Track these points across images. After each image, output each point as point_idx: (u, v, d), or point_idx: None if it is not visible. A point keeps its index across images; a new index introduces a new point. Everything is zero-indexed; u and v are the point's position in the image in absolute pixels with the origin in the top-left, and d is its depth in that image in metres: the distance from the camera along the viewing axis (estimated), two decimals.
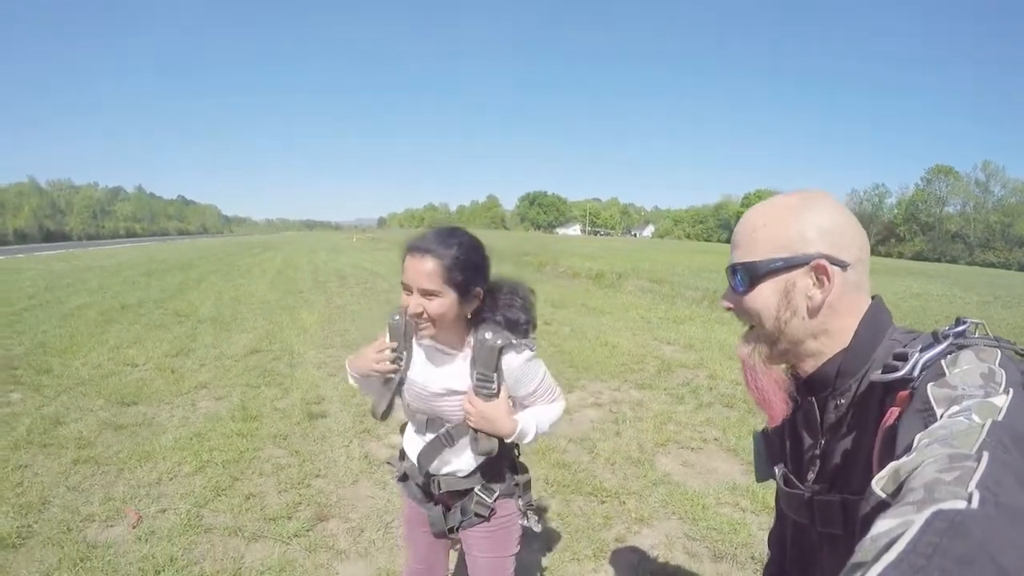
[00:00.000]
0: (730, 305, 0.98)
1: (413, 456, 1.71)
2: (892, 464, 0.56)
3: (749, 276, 0.92)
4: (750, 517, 3.32)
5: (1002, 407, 0.60)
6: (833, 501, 0.90)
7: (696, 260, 27.57)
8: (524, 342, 1.56)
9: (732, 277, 0.96)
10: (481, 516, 1.70)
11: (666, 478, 3.82)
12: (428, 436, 1.67)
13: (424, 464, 1.67)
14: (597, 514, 3.34)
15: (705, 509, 3.39)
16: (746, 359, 0.97)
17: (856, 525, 0.61)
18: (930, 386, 0.70)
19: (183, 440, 4.17)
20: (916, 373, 0.76)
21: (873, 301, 0.92)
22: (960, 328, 0.80)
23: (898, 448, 0.65)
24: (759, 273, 0.91)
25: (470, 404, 1.56)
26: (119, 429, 4.37)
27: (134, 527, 3.05)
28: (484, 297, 1.55)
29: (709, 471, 3.97)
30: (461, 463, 1.68)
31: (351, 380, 1.77)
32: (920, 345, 0.80)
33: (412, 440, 1.74)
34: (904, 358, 0.79)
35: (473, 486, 1.69)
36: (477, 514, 1.70)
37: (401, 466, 1.82)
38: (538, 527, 1.83)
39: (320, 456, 4.03)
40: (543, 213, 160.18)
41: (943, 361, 0.75)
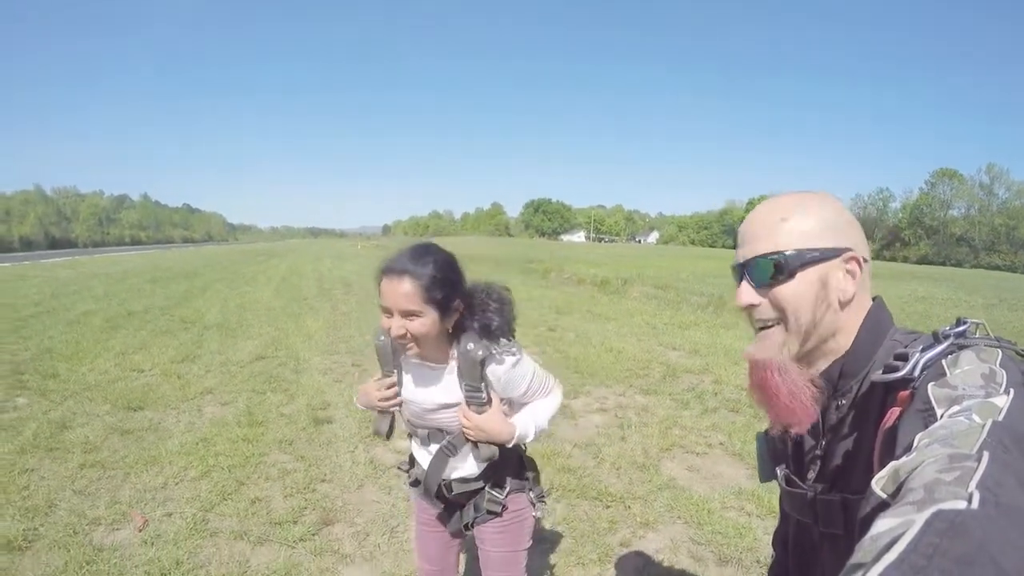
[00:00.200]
0: (755, 301, 0.91)
1: (424, 464, 1.73)
2: (892, 464, 0.56)
3: (784, 267, 0.87)
4: (755, 521, 3.31)
5: (1003, 407, 0.60)
6: (834, 501, 0.91)
7: (701, 266, 27.54)
8: (504, 348, 1.54)
9: (756, 270, 0.90)
10: (494, 512, 1.72)
11: (671, 483, 3.81)
12: (432, 447, 1.69)
13: (435, 478, 1.69)
14: (602, 518, 3.33)
15: (710, 513, 3.38)
16: (773, 360, 0.90)
17: (856, 525, 0.61)
18: (931, 386, 0.71)
19: (189, 445, 4.18)
20: (917, 373, 0.76)
21: (874, 302, 0.93)
22: (961, 328, 0.80)
23: (898, 448, 0.65)
24: (795, 264, 0.86)
25: (465, 419, 1.57)
26: (125, 434, 4.39)
27: (140, 531, 3.06)
28: (463, 309, 1.55)
29: (714, 476, 3.96)
30: (468, 468, 1.70)
31: (359, 406, 1.80)
32: (921, 345, 0.81)
33: (419, 452, 1.76)
34: (905, 358, 0.79)
35: (484, 485, 1.71)
36: (490, 511, 1.72)
37: (412, 472, 1.84)
38: (547, 518, 1.84)
39: (326, 461, 4.04)
40: (547, 220, 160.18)
41: (944, 361, 0.75)
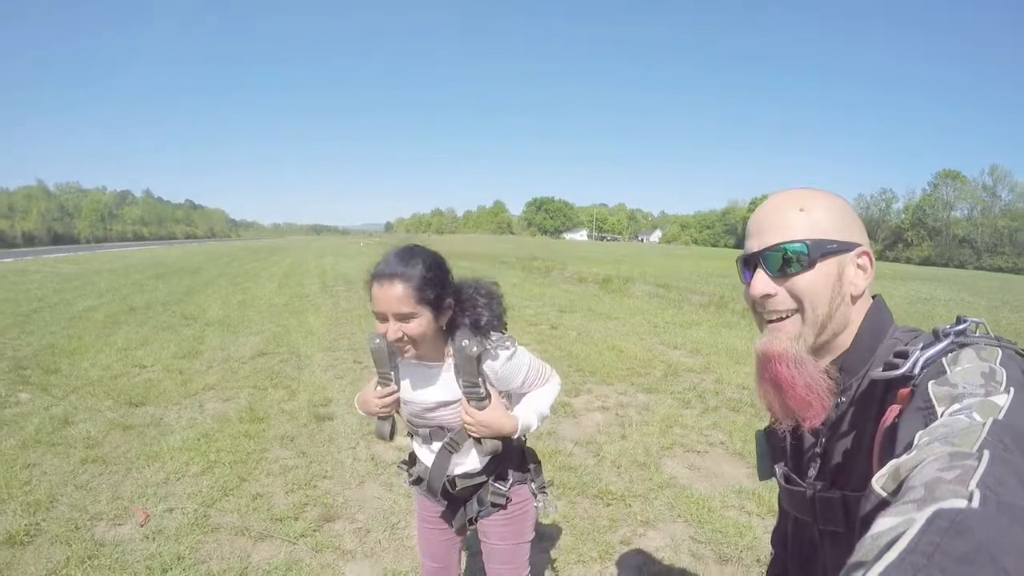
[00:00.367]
0: (771, 291, 0.89)
1: (427, 462, 1.73)
2: (892, 462, 0.56)
3: (805, 256, 0.86)
4: (756, 520, 3.31)
5: (1003, 406, 0.60)
6: (834, 498, 0.90)
7: (703, 265, 27.55)
8: (498, 342, 1.58)
9: (773, 260, 0.89)
10: (498, 505, 1.73)
11: (672, 481, 3.82)
12: (434, 446, 1.69)
13: (438, 477, 1.69)
14: (603, 516, 3.34)
15: (711, 512, 3.38)
16: (788, 351, 0.88)
17: (856, 522, 0.60)
18: (931, 384, 0.70)
19: (191, 441, 4.19)
20: (917, 371, 0.76)
21: (875, 300, 0.93)
22: (961, 327, 0.80)
23: (898, 446, 0.65)
24: (815, 254, 0.86)
25: (467, 415, 1.58)
26: (127, 429, 4.40)
27: (142, 526, 3.07)
28: (453, 306, 1.57)
29: (715, 474, 3.96)
30: (471, 463, 1.71)
31: (360, 412, 1.80)
32: (921, 343, 0.80)
33: (421, 451, 1.77)
34: (905, 356, 0.79)
35: (487, 479, 1.72)
36: (494, 503, 1.73)
37: (413, 470, 1.83)
38: (552, 508, 1.84)
39: (327, 457, 4.05)
40: (550, 218, 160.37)
41: (944, 359, 0.75)
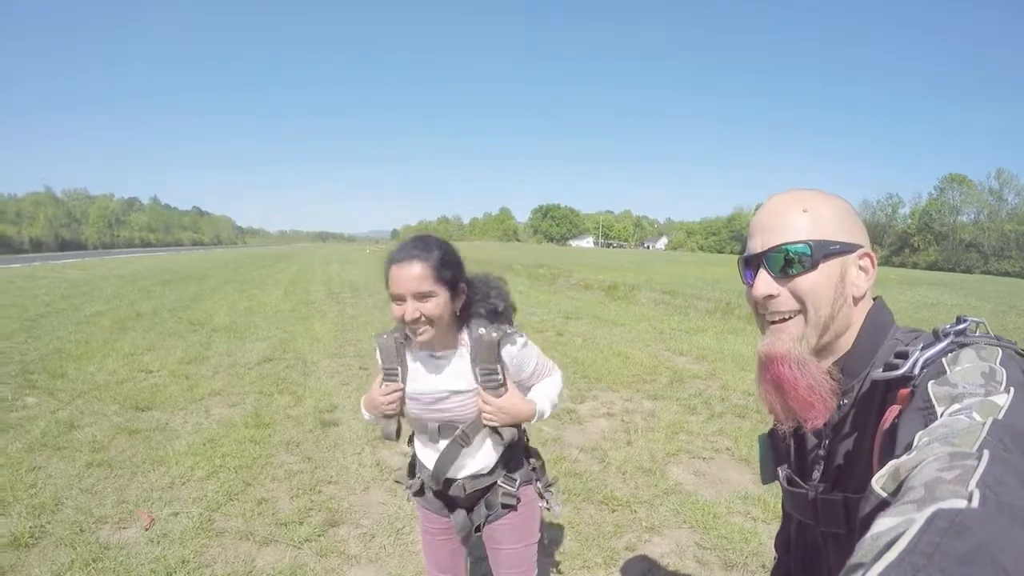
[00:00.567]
0: (773, 292, 0.89)
1: (429, 464, 1.70)
2: (892, 462, 0.56)
3: (809, 256, 0.86)
4: (761, 526, 3.29)
5: (1003, 406, 0.60)
6: (836, 500, 0.90)
7: (709, 271, 27.46)
8: (514, 329, 1.63)
9: (776, 260, 0.88)
10: (509, 506, 1.72)
11: (677, 487, 3.80)
12: (442, 443, 1.66)
13: (442, 471, 1.67)
14: (608, 522, 3.33)
15: (716, 518, 3.36)
16: (791, 352, 0.88)
17: (857, 524, 0.60)
18: (931, 384, 0.71)
19: (196, 445, 4.21)
20: (917, 371, 0.76)
21: (875, 301, 0.93)
22: (961, 327, 0.80)
23: (898, 446, 0.65)
24: (819, 254, 0.86)
25: (485, 403, 1.59)
26: (133, 434, 4.42)
27: (146, 529, 3.08)
28: (468, 292, 1.60)
29: (721, 481, 3.94)
30: (480, 462, 1.68)
31: (366, 416, 1.78)
32: (921, 344, 0.80)
33: (425, 452, 1.73)
34: (905, 356, 0.79)
35: (496, 480, 1.71)
36: (504, 505, 1.71)
37: (414, 482, 1.81)
38: (559, 507, 1.84)
39: (332, 463, 4.05)
40: (556, 225, 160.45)
41: (944, 359, 0.75)
